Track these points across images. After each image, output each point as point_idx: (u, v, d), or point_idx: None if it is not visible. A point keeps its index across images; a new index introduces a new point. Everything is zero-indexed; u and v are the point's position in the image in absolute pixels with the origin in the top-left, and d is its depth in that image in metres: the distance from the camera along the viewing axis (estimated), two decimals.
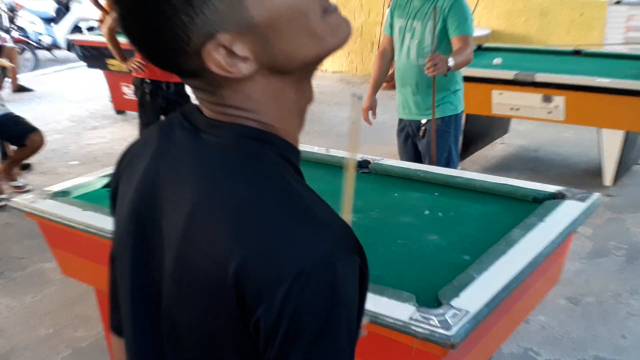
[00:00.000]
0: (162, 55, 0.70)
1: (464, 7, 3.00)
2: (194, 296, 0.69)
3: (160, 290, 0.74)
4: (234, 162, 0.70)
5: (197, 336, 0.70)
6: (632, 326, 2.86)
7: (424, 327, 1.46)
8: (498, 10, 7.03)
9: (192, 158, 0.73)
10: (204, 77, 0.70)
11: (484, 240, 1.97)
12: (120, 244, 0.82)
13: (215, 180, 0.70)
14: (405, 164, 2.66)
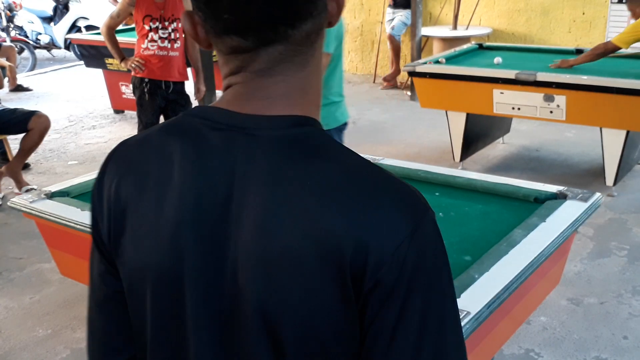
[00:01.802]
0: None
1: None
2: (296, 283, 0.68)
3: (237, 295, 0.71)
4: (306, 148, 0.72)
5: (299, 325, 0.70)
6: (634, 327, 2.85)
7: None
8: (499, 9, 7.02)
9: (260, 154, 0.72)
10: (316, 20, 0.73)
11: (485, 241, 1.96)
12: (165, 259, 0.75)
13: (294, 169, 0.70)
14: (405, 163, 2.65)
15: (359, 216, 0.67)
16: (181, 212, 0.74)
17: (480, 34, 6.83)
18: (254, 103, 0.74)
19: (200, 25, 0.75)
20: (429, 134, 5.64)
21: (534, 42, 6.74)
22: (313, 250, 0.67)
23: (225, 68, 0.77)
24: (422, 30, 6.87)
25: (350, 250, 0.67)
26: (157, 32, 4.01)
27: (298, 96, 0.75)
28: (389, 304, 0.68)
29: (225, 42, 0.73)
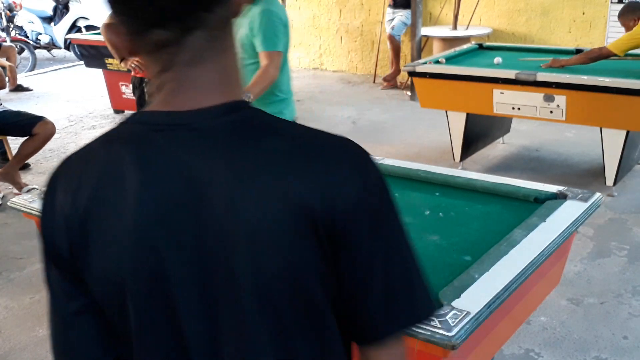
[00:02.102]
0: None
1: (272, 19, 2.86)
2: (279, 248, 0.75)
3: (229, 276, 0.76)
4: (251, 128, 0.78)
5: (290, 285, 0.77)
6: (634, 327, 2.85)
7: (424, 328, 1.45)
8: (499, 9, 7.02)
9: (208, 145, 0.76)
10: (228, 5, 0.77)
11: (485, 241, 1.96)
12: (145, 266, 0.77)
13: (246, 149, 0.76)
14: (405, 163, 2.65)
15: (318, 177, 0.75)
16: (146, 216, 0.76)
17: (480, 34, 6.83)
18: (188, 96, 0.77)
19: (122, 32, 0.77)
20: (429, 134, 5.64)
21: (534, 42, 6.74)
22: (287, 216, 0.74)
23: (155, 67, 0.79)
24: (422, 30, 6.87)
25: (319, 208, 0.75)
26: None
27: (227, 82, 0.80)
28: (360, 244, 0.78)
29: (149, 38, 0.75)
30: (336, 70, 8.44)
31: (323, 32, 8.43)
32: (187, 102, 0.77)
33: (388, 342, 0.83)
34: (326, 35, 8.41)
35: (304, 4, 8.48)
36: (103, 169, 0.78)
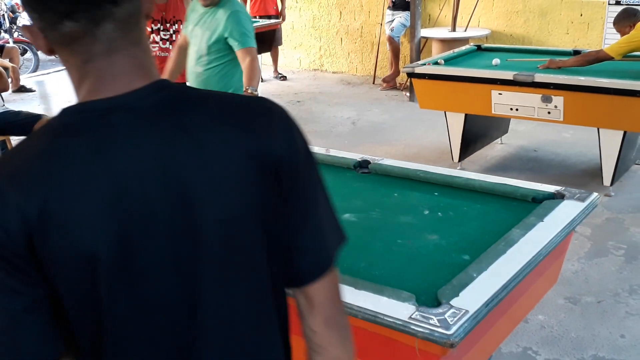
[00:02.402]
0: None
1: (242, 19, 2.96)
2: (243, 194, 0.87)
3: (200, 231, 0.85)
4: (186, 100, 0.88)
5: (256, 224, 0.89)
6: (631, 325, 2.87)
7: (423, 326, 1.47)
8: (498, 10, 7.04)
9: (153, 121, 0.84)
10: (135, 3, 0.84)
11: (484, 240, 1.98)
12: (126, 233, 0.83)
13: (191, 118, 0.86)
14: (404, 164, 2.67)
15: (258, 131, 0.88)
16: (114, 192, 0.81)
17: (478, 36, 6.85)
18: (115, 83, 0.84)
19: (39, 30, 0.83)
20: (428, 134, 5.67)
21: (532, 43, 6.76)
22: (241, 166, 0.86)
23: (73, 60, 0.84)
24: (421, 31, 6.89)
25: (265, 157, 0.87)
26: (159, 34, 4.04)
27: (145, 69, 0.87)
28: (299, 184, 0.92)
29: (63, 32, 0.81)
30: (336, 72, 8.46)
31: (323, 33, 8.45)
32: (115, 88, 0.84)
33: (332, 271, 0.95)
34: (326, 36, 8.43)
35: (304, 5, 8.50)
36: (59, 160, 0.81)
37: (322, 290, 0.94)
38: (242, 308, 0.91)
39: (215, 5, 2.96)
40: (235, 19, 2.94)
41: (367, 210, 2.29)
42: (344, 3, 8.14)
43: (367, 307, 1.56)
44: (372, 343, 1.63)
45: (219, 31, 2.96)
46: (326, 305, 0.95)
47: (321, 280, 0.94)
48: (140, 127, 0.83)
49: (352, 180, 2.60)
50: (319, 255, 0.94)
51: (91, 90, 0.85)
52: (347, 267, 1.85)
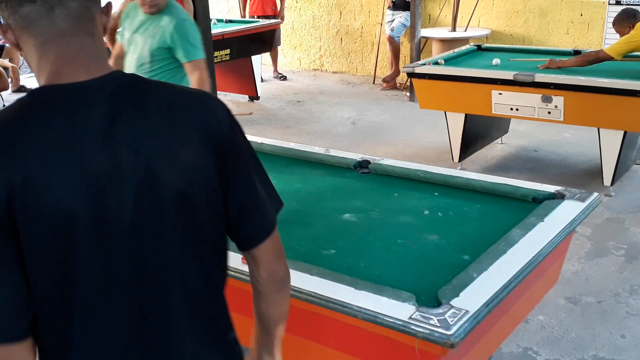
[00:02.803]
0: None
1: (188, 29, 2.87)
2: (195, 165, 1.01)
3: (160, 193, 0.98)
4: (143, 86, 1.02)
5: (205, 194, 1.03)
6: (631, 326, 2.87)
7: (423, 326, 1.47)
8: (498, 10, 7.04)
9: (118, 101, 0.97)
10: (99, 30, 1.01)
11: (484, 240, 1.98)
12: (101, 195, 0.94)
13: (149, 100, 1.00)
14: (404, 164, 2.67)
15: (205, 114, 1.04)
16: (93, 160, 0.94)
17: (479, 35, 6.85)
18: (74, 67, 0.97)
19: (7, 24, 0.96)
20: (428, 134, 5.67)
21: (532, 43, 6.76)
22: (194, 143, 1.01)
23: (35, 40, 0.96)
24: (421, 31, 6.89)
25: (214, 135, 1.03)
26: None
27: (100, 58, 1.01)
28: (242, 160, 1.09)
29: (22, 14, 0.94)
30: (336, 72, 8.46)
31: (323, 33, 8.45)
32: (74, 73, 0.97)
33: (274, 235, 1.13)
34: (326, 36, 8.43)
35: (304, 5, 8.50)
36: (39, 131, 0.92)
37: (266, 250, 1.13)
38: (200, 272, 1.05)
39: (157, 12, 2.85)
40: (182, 30, 2.84)
41: (367, 210, 2.29)
42: (344, 3, 8.14)
43: (367, 307, 1.55)
44: (372, 343, 1.63)
45: (164, 40, 2.86)
46: (270, 261, 1.14)
47: (265, 242, 1.12)
48: (107, 107, 0.96)
49: (352, 180, 2.59)
50: (262, 221, 1.12)
51: (53, 73, 0.97)
52: (347, 267, 1.85)
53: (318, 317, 1.69)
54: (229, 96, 7.19)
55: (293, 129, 6.05)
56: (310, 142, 5.29)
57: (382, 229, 2.13)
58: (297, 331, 1.80)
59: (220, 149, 1.03)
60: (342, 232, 2.12)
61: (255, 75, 6.90)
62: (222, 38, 6.01)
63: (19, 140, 0.91)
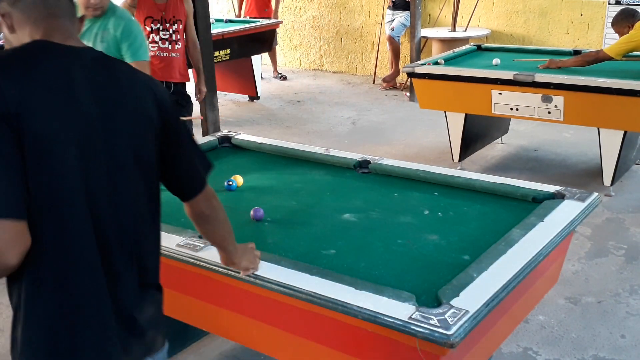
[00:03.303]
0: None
1: (135, 31, 2.94)
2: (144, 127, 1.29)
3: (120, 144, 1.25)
4: (111, 59, 1.32)
5: (151, 154, 1.30)
6: (631, 326, 2.87)
7: (423, 326, 1.47)
8: (498, 10, 7.04)
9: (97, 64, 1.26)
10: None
11: (484, 240, 1.98)
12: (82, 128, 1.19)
13: (116, 68, 1.29)
14: (404, 164, 2.67)
15: (154, 88, 1.32)
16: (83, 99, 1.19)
17: (478, 35, 6.85)
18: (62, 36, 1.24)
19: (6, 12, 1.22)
20: (428, 134, 5.67)
21: (532, 43, 6.76)
22: (149, 109, 1.29)
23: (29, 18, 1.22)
24: (421, 31, 6.89)
25: (161, 106, 1.32)
26: (158, 34, 4.03)
27: (77, 38, 1.29)
28: (179, 128, 1.37)
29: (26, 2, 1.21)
30: (336, 71, 8.46)
31: (323, 33, 8.45)
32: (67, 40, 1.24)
33: (206, 189, 1.43)
34: (326, 36, 8.43)
35: (304, 5, 8.50)
36: (39, 65, 1.17)
37: (201, 201, 1.44)
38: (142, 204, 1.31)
39: (102, 15, 2.90)
40: (130, 31, 2.92)
41: (367, 210, 2.29)
42: (344, 3, 8.14)
43: (367, 307, 1.55)
44: (372, 343, 1.63)
45: (115, 42, 2.93)
46: (206, 208, 1.45)
47: (200, 195, 1.43)
48: (88, 68, 1.22)
49: (352, 180, 2.59)
50: (197, 178, 1.42)
51: (45, 35, 1.22)
52: (347, 267, 1.85)
53: (318, 317, 1.69)
54: (229, 96, 7.18)
55: (293, 129, 6.05)
56: (310, 142, 5.29)
57: (382, 229, 2.13)
58: (297, 331, 1.80)
59: (164, 118, 1.31)
60: (342, 232, 2.12)
61: (255, 75, 6.90)
62: (222, 38, 6.01)
63: (25, 69, 1.15)
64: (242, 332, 2.00)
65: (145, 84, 1.31)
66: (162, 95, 1.33)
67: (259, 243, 2.01)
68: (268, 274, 1.74)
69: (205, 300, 2.00)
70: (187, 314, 2.13)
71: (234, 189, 2.49)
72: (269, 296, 1.76)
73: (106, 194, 1.21)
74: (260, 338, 1.92)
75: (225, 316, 1.98)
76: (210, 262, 1.83)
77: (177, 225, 2.10)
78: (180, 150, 1.37)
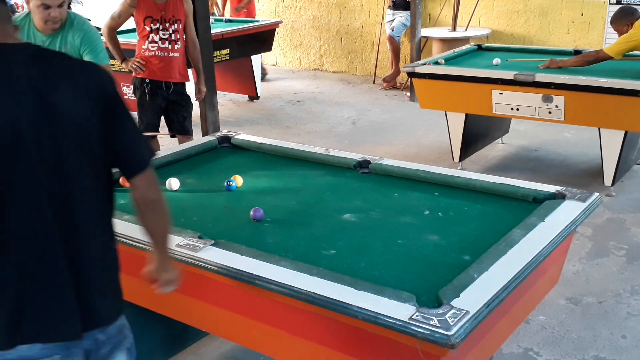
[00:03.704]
0: None
1: (94, 36, 2.99)
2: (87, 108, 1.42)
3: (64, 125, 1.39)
4: (48, 52, 1.46)
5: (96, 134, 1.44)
6: (632, 326, 2.86)
7: (424, 327, 1.46)
8: (498, 10, 7.03)
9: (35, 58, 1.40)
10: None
11: (484, 240, 1.97)
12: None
13: (53, 60, 1.43)
14: (404, 164, 2.66)
15: (96, 77, 1.45)
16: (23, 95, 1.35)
17: (479, 35, 6.84)
18: (6, 35, 1.39)
19: None
20: (428, 134, 5.66)
21: (533, 43, 6.75)
22: (89, 95, 1.42)
23: None
24: (421, 31, 6.89)
25: (103, 91, 1.44)
26: (158, 33, 4.02)
27: (14, 37, 1.43)
28: (122, 114, 1.48)
29: None
30: (336, 71, 8.46)
31: (323, 33, 8.45)
32: (5, 38, 1.38)
33: (148, 171, 1.52)
34: (326, 36, 8.43)
35: (304, 4, 8.49)
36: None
37: (144, 183, 1.53)
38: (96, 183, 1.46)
39: (61, 28, 2.91)
40: (88, 39, 2.96)
41: (367, 210, 2.28)
42: (344, 3, 8.14)
43: (367, 308, 1.55)
44: (372, 344, 1.62)
45: (77, 53, 2.98)
46: (145, 188, 1.53)
47: (142, 175, 1.52)
48: (28, 64, 1.36)
49: (352, 180, 2.59)
50: (139, 159, 1.53)
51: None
52: (347, 268, 1.84)
53: (318, 317, 1.68)
54: (229, 96, 7.18)
55: (293, 129, 6.05)
56: (310, 142, 5.29)
57: (382, 229, 2.13)
58: (297, 332, 1.79)
59: (107, 102, 1.44)
60: (342, 232, 2.11)
61: (255, 75, 6.90)
62: (221, 38, 6.01)
63: None
64: (241, 333, 1.99)
65: (83, 71, 1.44)
66: (104, 83, 1.45)
67: (259, 243, 2.01)
68: (268, 274, 1.73)
69: (205, 300, 2.00)
70: (187, 315, 2.13)
71: (233, 189, 2.48)
72: (269, 296, 1.76)
73: (52, 171, 1.38)
74: (260, 339, 1.92)
75: (225, 317, 1.97)
76: (210, 262, 1.83)
77: (177, 225, 2.09)
78: (121, 127, 1.48)
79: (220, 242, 1.93)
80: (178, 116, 4.22)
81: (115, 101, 1.47)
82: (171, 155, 2.86)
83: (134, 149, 1.53)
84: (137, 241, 1.99)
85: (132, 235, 2.01)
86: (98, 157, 1.45)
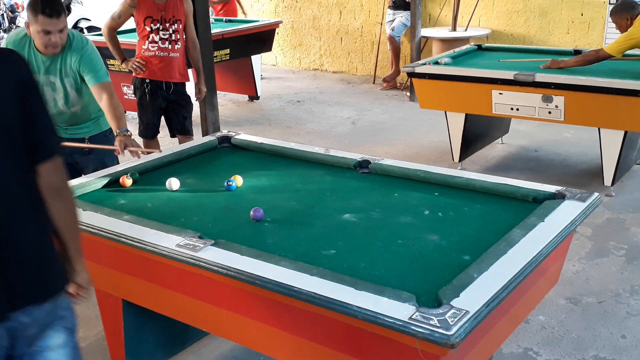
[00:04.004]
0: None
1: (92, 56, 3.00)
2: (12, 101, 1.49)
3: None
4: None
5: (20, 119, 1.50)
6: (632, 326, 2.87)
7: (423, 327, 1.47)
8: (498, 10, 7.04)
9: None
10: None
11: (484, 240, 1.97)
12: None
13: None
14: (404, 164, 2.66)
15: (16, 66, 1.52)
16: None
17: (479, 35, 6.84)
18: None
19: None
20: (428, 134, 5.66)
21: (533, 43, 6.76)
22: (12, 85, 1.49)
23: None
24: (421, 31, 6.89)
25: (19, 80, 1.50)
26: (158, 34, 4.03)
27: None
28: (35, 101, 1.53)
29: None
30: (336, 71, 8.46)
31: (323, 33, 8.45)
32: None
33: (55, 158, 1.56)
34: (326, 36, 8.43)
35: (304, 4, 8.49)
36: None
37: (51, 170, 1.56)
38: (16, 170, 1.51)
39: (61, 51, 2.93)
40: (88, 60, 2.97)
41: (367, 210, 2.29)
42: (344, 3, 8.14)
43: (367, 308, 1.55)
44: (372, 344, 1.62)
45: (78, 73, 2.99)
46: (51, 175, 1.56)
47: (49, 162, 1.55)
48: None
49: (352, 180, 2.59)
50: (48, 146, 1.56)
51: None
52: (347, 268, 1.84)
53: (318, 317, 1.68)
54: (229, 96, 7.18)
55: (293, 129, 6.05)
56: (310, 142, 5.29)
57: (382, 229, 2.13)
58: (297, 332, 1.79)
59: (22, 91, 1.49)
60: (342, 232, 2.11)
61: (255, 75, 6.90)
62: (221, 38, 6.01)
63: None
64: (241, 333, 1.99)
65: (4, 65, 1.51)
66: (21, 72, 1.52)
67: (259, 243, 2.01)
68: (268, 274, 1.73)
69: (205, 300, 2.00)
70: (187, 315, 2.13)
71: (233, 189, 2.48)
72: (269, 296, 1.76)
73: None
74: (259, 338, 1.92)
75: (225, 317, 1.97)
76: (210, 262, 1.83)
77: (177, 225, 2.09)
78: (34, 113, 1.52)
79: (220, 242, 1.94)
80: (178, 116, 4.22)
81: (31, 87, 1.52)
82: (171, 155, 2.86)
83: (44, 136, 1.55)
84: (137, 241, 1.99)
85: (133, 235, 2.01)
86: (18, 146, 1.50)
